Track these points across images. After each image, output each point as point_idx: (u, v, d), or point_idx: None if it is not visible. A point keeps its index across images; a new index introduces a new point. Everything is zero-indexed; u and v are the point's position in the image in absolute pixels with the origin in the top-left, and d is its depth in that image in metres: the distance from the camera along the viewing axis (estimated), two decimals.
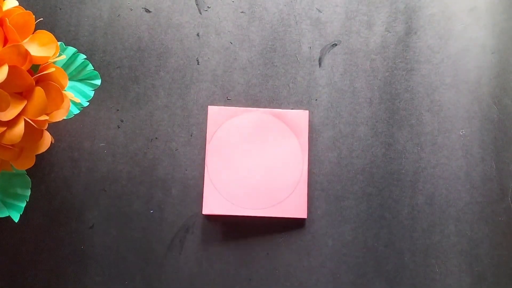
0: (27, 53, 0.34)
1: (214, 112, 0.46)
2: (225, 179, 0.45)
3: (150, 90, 0.47)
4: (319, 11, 0.48)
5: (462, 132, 0.46)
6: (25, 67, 0.35)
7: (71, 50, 0.44)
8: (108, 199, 0.46)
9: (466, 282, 0.44)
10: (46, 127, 0.38)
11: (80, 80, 0.44)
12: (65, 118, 0.39)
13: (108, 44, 0.47)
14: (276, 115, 0.46)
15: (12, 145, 0.36)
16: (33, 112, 0.35)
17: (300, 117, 0.46)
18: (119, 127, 0.47)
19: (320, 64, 0.47)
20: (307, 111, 0.46)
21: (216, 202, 0.44)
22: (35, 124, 0.36)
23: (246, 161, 0.45)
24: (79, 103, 0.44)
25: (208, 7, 0.48)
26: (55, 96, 0.37)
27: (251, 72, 0.47)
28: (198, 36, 0.48)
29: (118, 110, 0.47)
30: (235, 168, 0.45)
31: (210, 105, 0.46)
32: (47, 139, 0.39)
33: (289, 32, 0.47)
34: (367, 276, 0.44)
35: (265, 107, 0.47)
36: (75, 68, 0.44)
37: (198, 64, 0.47)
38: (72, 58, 0.44)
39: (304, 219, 0.45)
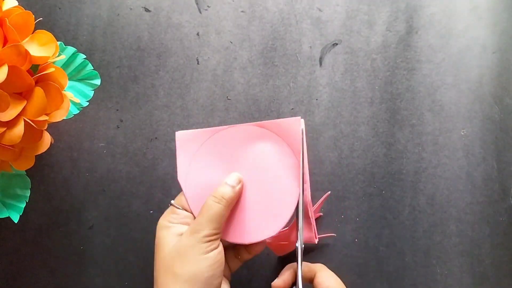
0: (26, 53, 0.34)
1: (182, 138, 0.37)
2: None
3: (149, 89, 0.47)
4: (320, 10, 0.47)
5: (463, 132, 0.46)
6: (24, 67, 0.34)
7: (70, 50, 0.43)
8: (107, 199, 0.45)
9: (467, 282, 0.44)
10: (45, 128, 0.38)
11: (79, 80, 0.44)
12: (64, 118, 0.39)
13: (107, 44, 0.47)
14: (261, 126, 0.36)
15: (11, 146, 0.36)
16: (32, 113, 0.35)
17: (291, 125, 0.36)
18: (118, 127, 0.46)
19: (320, 63, 0.47)
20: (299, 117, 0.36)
21: None
22: (34, 124, 0.35)
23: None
24: (79, 103, 0.44)
25: (208, 6, 0.48)
26: (55, 96, 0.37)
27: (251, 71, 0.47)
28: (198, 35, 0.47)
29: (117, 110, 0.47)
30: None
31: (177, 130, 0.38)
32: (47, 140, 0.39)
33: (289, 31, 0.47)
34: (368, 276, 0.44)
35: (265, 107, 0.46)
36: (75, 68, 0.44)
37: (198, 63, 0.47)
38: (72, 58, 0.43)
39: None
